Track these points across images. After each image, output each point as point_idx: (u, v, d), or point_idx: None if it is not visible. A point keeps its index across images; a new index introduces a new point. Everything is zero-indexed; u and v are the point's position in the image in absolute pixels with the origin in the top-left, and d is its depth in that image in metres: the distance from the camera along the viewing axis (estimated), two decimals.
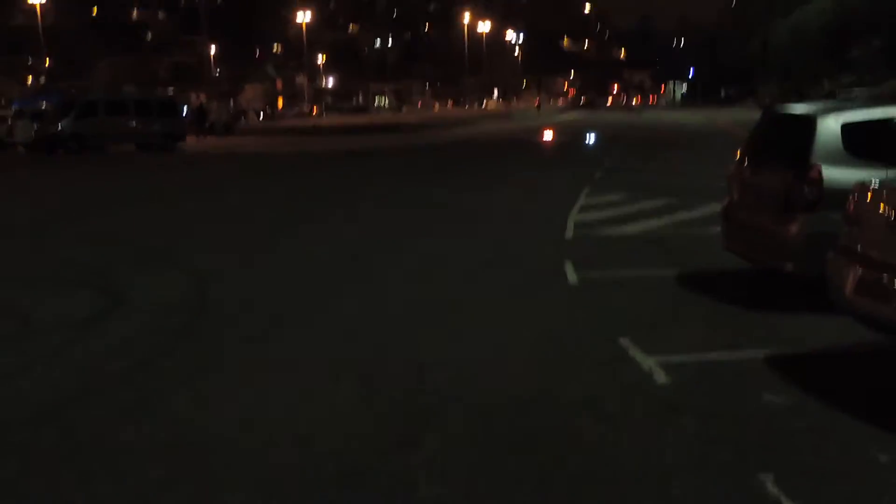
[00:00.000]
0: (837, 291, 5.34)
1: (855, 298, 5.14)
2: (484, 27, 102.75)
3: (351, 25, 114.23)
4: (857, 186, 5.44)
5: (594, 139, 32.60)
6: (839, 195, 5.76)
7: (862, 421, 4.64)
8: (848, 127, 6.87)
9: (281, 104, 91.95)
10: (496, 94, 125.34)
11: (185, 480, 4.11)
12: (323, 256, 10.20)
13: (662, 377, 5.41)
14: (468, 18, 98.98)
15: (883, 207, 5.05)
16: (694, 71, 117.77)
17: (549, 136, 35.65)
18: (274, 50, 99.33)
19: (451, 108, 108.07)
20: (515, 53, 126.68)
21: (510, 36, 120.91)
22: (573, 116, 74.62)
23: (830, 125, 6.88)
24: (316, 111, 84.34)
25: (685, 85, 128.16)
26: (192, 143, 38.57)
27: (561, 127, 46.80)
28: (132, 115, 34.63)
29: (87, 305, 7.92)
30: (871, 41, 56.35)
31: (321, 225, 13.09)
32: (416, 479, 4.07)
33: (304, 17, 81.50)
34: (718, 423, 4.68)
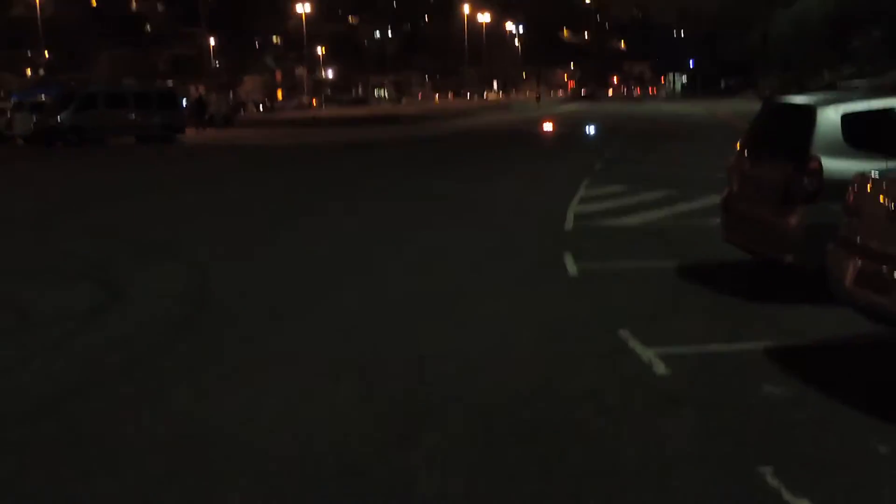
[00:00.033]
0: (837, 283, 5.33)
1: (855, 290, 5.14)
2: (483, 18, 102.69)
3: (350, 17, 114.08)
4: (856, 177, 5.43)
5: (594, 130, 32.61)
6: (839, 186, 5.74)
7: (862, 412, 4.65)
8: (848, 118, 6.85)
9: (280, 96, 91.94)
10: (496, 85, 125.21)
11: (184, 473, 4.11)
12: (323, 249, 10.19)
13: (662, 369, 5.41)
14: (468, 10, 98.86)
15: (883, 199, 5.04)
16: (694, 62, 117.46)
17: (549, 127, 35.65)
18: (273, 41, 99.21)
19: (451, 99, 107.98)
20: (515, 45, 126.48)
21: (510, 27, 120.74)
22: (573, 108, 74.51)
23: (830, 116, 6.86)
24: (315, 103, 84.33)
25: (685, 76, 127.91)
26: (191, 135, 38.57)
27: (561, 118, 46.78)
28: (131, 107, 34.65)
29: (87, 298, 7.91)
30: (871, 31, 56.15)
31: (321, 217, 13.09)
32: (416, 472, 4.07)
33: (303, 8, 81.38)
34: (718, 414, 4.69)
